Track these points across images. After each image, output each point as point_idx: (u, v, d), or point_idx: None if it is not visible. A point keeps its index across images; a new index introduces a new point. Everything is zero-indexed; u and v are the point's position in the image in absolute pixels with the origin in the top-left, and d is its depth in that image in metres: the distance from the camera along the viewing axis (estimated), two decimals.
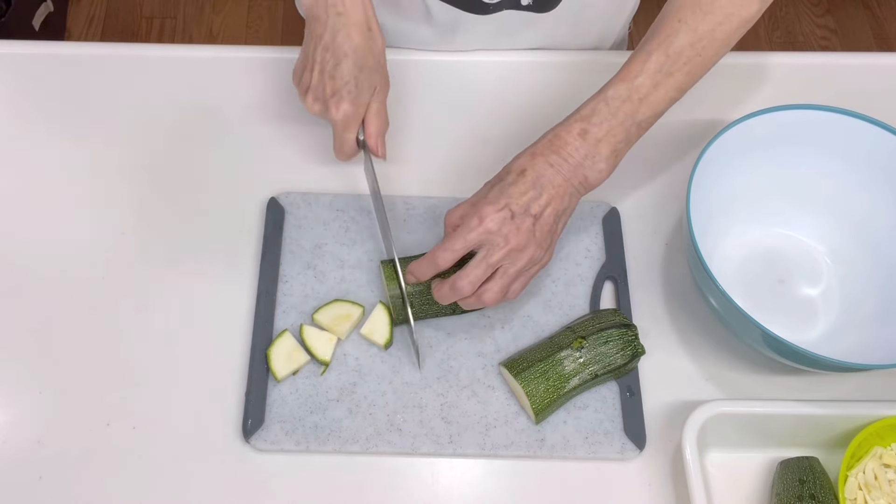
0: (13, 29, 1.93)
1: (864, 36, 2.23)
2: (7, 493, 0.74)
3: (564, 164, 0.73)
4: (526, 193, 0.72)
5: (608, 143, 0.73)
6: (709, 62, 0.75)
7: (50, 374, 0.79)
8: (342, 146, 0.81)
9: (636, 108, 0.73)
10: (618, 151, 0.74)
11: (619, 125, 0.73)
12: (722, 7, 0.73)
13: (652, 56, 0.73)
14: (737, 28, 0.74)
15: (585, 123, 0.73)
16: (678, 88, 0.74)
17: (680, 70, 0.73)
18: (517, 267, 0.72)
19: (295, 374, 0.78)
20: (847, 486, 0.71)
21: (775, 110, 0.81)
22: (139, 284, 0.83)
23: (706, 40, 0.73)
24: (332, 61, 0.76)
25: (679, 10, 0.74)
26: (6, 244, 0.86)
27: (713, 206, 0.81)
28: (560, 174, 0.73)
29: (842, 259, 0.86)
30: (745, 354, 0.82)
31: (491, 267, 0.72)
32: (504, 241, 0.71)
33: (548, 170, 0.72)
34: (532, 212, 0.72)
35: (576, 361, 0.75)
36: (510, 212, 0.71)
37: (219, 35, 2.16)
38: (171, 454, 0.76)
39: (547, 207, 0.72)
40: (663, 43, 0.73)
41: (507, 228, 0.71)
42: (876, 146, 0.81)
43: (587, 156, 0.73)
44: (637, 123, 0.74)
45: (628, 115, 0.73)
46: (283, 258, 0.84)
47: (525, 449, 0.76)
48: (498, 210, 0.71)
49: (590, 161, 0.73)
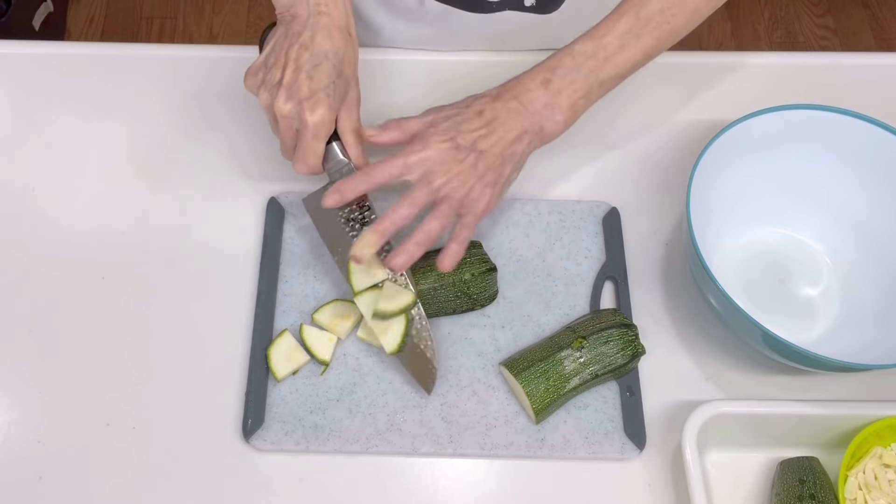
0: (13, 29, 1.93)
1: (864, 36, 2.23)
2: (7, 493, 0.74)
3: (523, 110, 0.73)
4: (476, 130, 0.72)
5: (568, 96, 0.74)
6: (676, 31, 0.76)
7: (50, 374, 0.79)
8: (307, 156, 0.74)
9: (600, 66, 0.74)
10: (576, 106, 0.75)
11: (582, 80, 0.74)
12: None
13: (622, 18, 0.75)
14: (707, 0, 0.77)
15: (549, 73, 0.74)
16: (644, 53, 0.75)
17: (648, 35, 0.75)
18: (456, 198, 0.72)
19: (295, 374, 0.78)
20: (847, 486, 0.71)
21: (775, 110, 0.81)
22: (139, 284, 0.83)
23: (676, 8, 0.75)
24: (310, 61, 0.72)
25: None
26: (6, 244, 0.86)
27: (713, 206, 0.81)
28: (517, 119, 0.73)
29: (842, 259, 0.86)
30: (745, 354, 0.82)
31: (433, 192, 0.72)
32: (443, 169, 0.71)
33: (505, 113, 0.73)
34: (478, 147, 0.72)
35: (576, 361, 0.75)
36: (455, 144, 0.72)
37: (219, 35, 2.16)
38: (171, 454, 0.76)
39: (495, 146, 0.73)
40: (635, 6, 0.75)
41: (449, 159, 0.71)
42: (876, 146, 0.81)
43: (546, 105, 0.74)
44: (599, 81, 0.75)
45: (592, 72, 0.74)
46: (283, 258, 0.84)
47: (525, 449, 0.76)
48: (443, 141, 0.72)
49: (548, 111, 0.74)
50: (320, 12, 0.73)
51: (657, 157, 0.92)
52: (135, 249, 0.85)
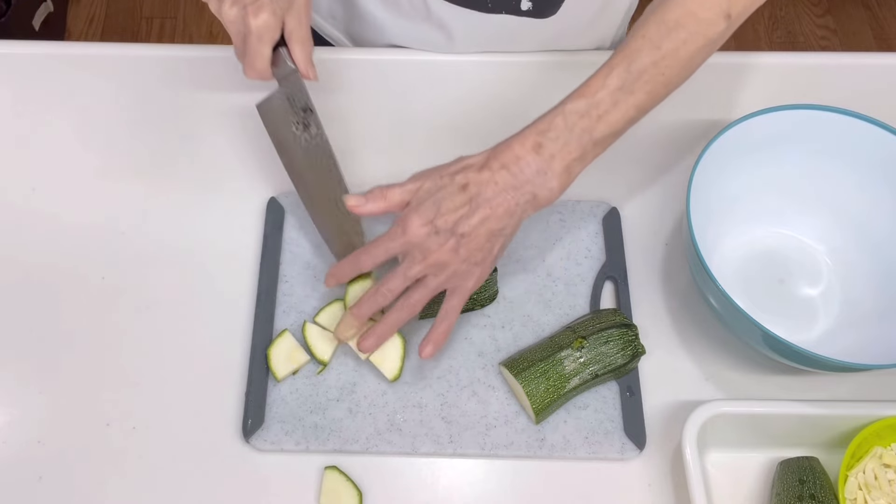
0: (13, 29, 1.93)
1: (864, 36, 2.23)
2: (7, 493, 0.74)
3: (513, 179, 0.69)
4: (458, 210, 0.68)
5: (562, 160, 0.69)
6: (670, 82, 0.71)
7: (50, 374, 0.79)
8: (254, 60, 0.74)
9: (594, 125, 0.69)
10: (571, 169, 0.70)
11: (576, 141, 0.69)
12: (687, 25, 0.70)
13: (614, 72, 0.69)
14: (702, 47, 0.70)
15: (540, 137, 0.69)
16: (638, 108, 0.70)
17: (641, 89, 0.69)
18: (439, 280, 0.70)
19: (295, 374, 0.78)
20: (847, 486, 0.71)
21: (775, 110, 0.81)
22: (139, 284, 0.84)
23: (669, 59, 0.70)
24: None
25: (644, 26, 0.71)
26: (6, 244, 0.86)
27: (713, 207, 0.81)
28: (505, 192, 0.69)
29: (841, 259, 0.86)
30: (745, 354, 0.82)
31: (409, 280, 0.70)
32: (422, 256, 0.69)
33: (491, 187, 0.68)
34: (459, 231, 0.68)
35: (576, 361, 0.75)
36: (435, 228, 0.68)
37: (219, 35, 2.16)
38: (171, 454, 0.76)
39: (480, 227, 0.68)
40: (626, 59, 0.70)
41: (429, 244, 0.68)
42: (876, 146, 0.81)
43: (539, 171, 0.69)
44: (594, 141, 0.69)
45: (585, 132, 0.69)
46: (283, 258, 0.84)
47: (525, 449, 0.76)
48: (423, 224, 0.68)
49: (541, 178, 0.69)
50: None
51: (657, 157, 0.92)
52: (135, 249, 0.85)
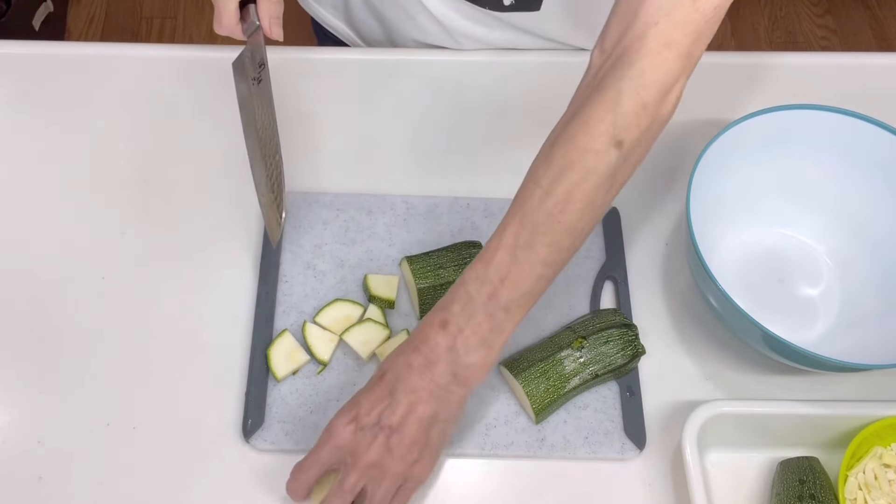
0: (13, 29, 1.93)
1: (864, 36, 2.23)
2: (7, 493, 0.74)
3: (426, 362, 0.64)
4: (379, 403, 0.64)
5: (474, 334, 0.64)
6: (573, 229, 0.64)
7: (50, 374, 0.79)
8: (220, 14, 0.73)
9: (496, 291, 0.63)
10: (490, 342, 0.64)
11: (482, 311, 0.64)
12: (575, 163, 0.62)
13: (508, 230, 0.64)
14: (597, 186, 0.63)
15: (445, 313, 0.65)
16: (543, 263, 0.64)
17: (540, 242, 0.63)
18: (383, 489, 0.64)
19: (295, 374, 0.78)
20: (847, 486, 0.71)
21: (775, 110, 0.81)
22: (139, 284, 0.83)
23: (562, 203, 0.63)
24: None
25: (536, 171, 0.65)
26: (6, 244, 0.86)
27: (713, 206, 0.81)
28: (421, 376, 0.64)
29: (842, 259, 0.86)
30: (745, 354, 0.82)
31: (348, 492, 0.64)
32: (353, 459, 0.64)
33: (407, 371, 0.64)
34: (386, 423, 0.64)
35: (576, 361, 0.75)
36: (358, 426, 0.64)
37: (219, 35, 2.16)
38: (171, 454, 0.76)
39: (408, 416, 0.64)
40: (519, 212, 0.64)
41: (357, 444, 0.64)
42: (876, 146, 0.81)
43: (449, 349, 0.64)
44: (503, 307, 0.64)
45: (489, 299, 0.63)
46: (283, 258, 0.84)
47: (525, 449, 0.76)
48: (347, 423, 0.64)
49: (453, 356, 0.64)
50: None
51: (657, 157, 0.92)
52: (135, 249, 0.85)
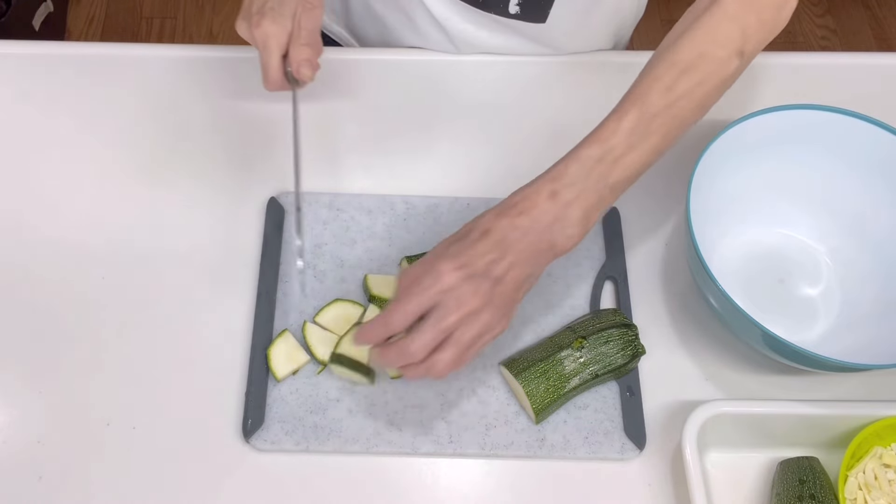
0: (13, 29, 1.93)
1: (864, 36, 2.23)
2: (7, 493, 0.74)
3: (532, 227, 0.66)
4: (487, 254, 0.66)
5: (579, 206, 0.67)
6: (686, 123, 0.70)
7: (50, 374, 0.79)
8: (265, 71, 0.75)
9: (609, 171, 0.67)
10: (589, 215, 0.68)
11: (592, 187, 0.67)
12: (700, 66, 0.68)
13: (627, 116, 0.68)
14: (716, 88, 0.69)
15: (556, 184, 0.67)
16: (654, 151, 0.69)
17: (656, 132, 0.68)
18: (471, 334, 0.65)
19: (295, 374, 0.78)
20: (847, 486, 0.71)
21: (775, 110, 0.81)
22: (139, 284, 0.83)
23: (684, 100, 0.68)
24: None
25: (656, 67, 0.69)
26: (6, 244, 0.86)
27: (713, 207, 0.81)
28: (526, 238, 0.66)
29: (841, 259, 0.86)
30: (745, 354, 0.82)
31: (443, 332, 0.65)
32: (457, 304, 0.64)
33: (513, 232, 0.66)
34: (493, 275, 0.65)
35: (576, 361, 0.75)
36: (469, 272, 0.65)
37: (219, 35, 2.16)
38: (171, 454, 0.76)
39: (510, 272, 0.66)
40: (639, 102, 0.68)
41: (464, 290, 0.64)
42: (876, 146, 0.81)
43: (556, 219, 0.67)
44: (610, 186, 0.68)
45: (601, 177, 0.67)
46: (283, 258, 0.84)
47: (525, 449, 0.76)
48: (456, 269, 0.65)
49: (559, 225, 0.67)
50: None
51: None
52: (135, 249, 0.85)
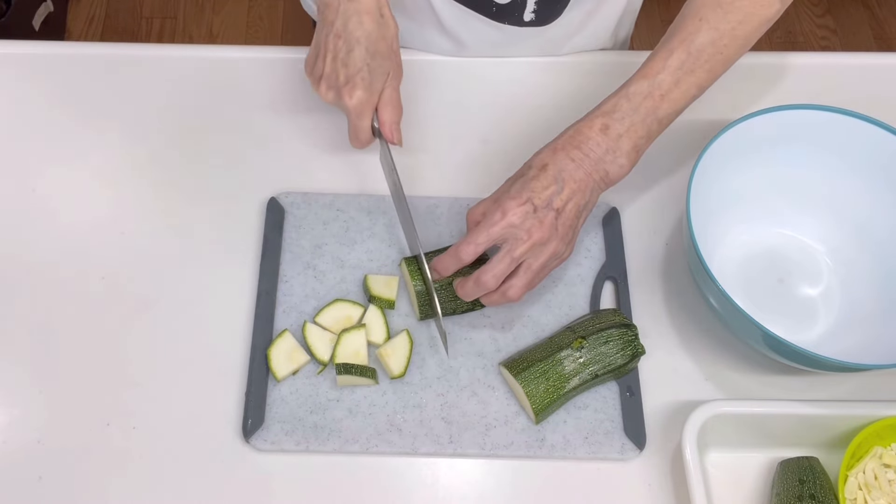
0: (13, 29, 1.93)
1: (864, 36, 2.23)
2: (7, 493, 0.74)
3: (586, 158, 0.73)
4: (548, 188, 0.72)
5: (629, 139, 0.74)
6: (729, 60, 0.76)
7: (50, 374, 0.79)
8: (357, 134, 0.80)
9: (657, 105, 0.74)
10: (639, 147, 0.75)
11: (641, 121, 0.74)
12: (743, 6, 0.74)
13: (674, 53, 0.74)
14: (757, 27, 0.76)
15: (607, 119, 0.74)
16: (699, 86, 0.75)
17: (701, 68, 0.74)
18: (540, 261, 0.73)
19: (295, 374, 0.78)
20: (847, 486, 0.71)
21: (775, 110, 0.81)
22: (139, 284, 0.83)
23: (727, 38, 0.75)
24: (344, 48, 0.75)
25: (700, 8, 0.75)
26: (6, 244, 0.86)
27: (713, 206, 0.81)
28: (581, 169, 0.73)
29: (842, 259, 0.86)
30: (745, 354, 0.82)
31: (515, 261, 0.72)
32: (527, 235, 0.71)
33: (569, 164, 0.73)
34: (555, 206, 0.72)
35: (576, 361, 0.75)
36: (532, 206, 0.71)
37: (219, 35, 2.16)
38: (171, 454, 0.76)
39: (569, 202, 0.73)
40: (685, 41, 0.74)
41: (530, 222, 0.71)
42: (876, 146, 0.81)
43: (608, 150, 0.74)
44: (658, 119, 0.75)
45: (650, 112, 0.74)
46: (283, 258, 0.84)
47: (525, 449, 0.76)
48: (521, 204, 0.72)
49: (611, 156, 0.74)
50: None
51: (657, 157, 0.92)
52: (135, 249, 0.85)
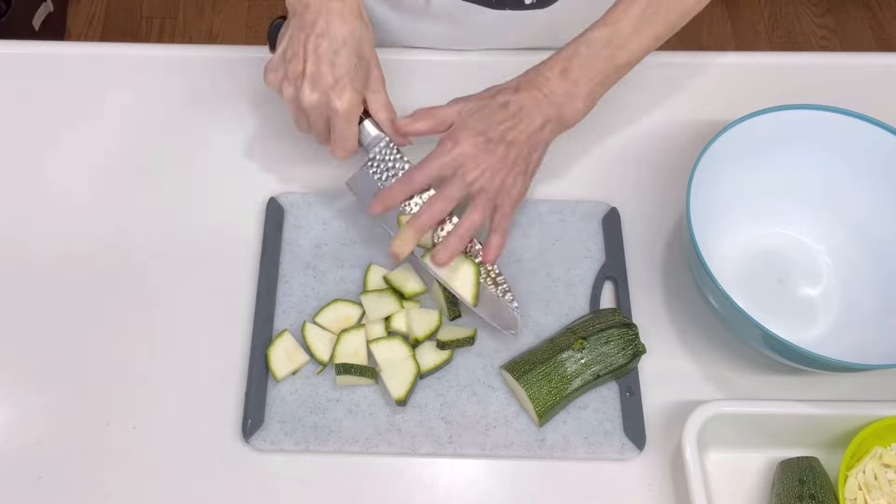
0: (13, 29, 1.93)
1: (864, 36, 2.23)
2: (7, 493, 0.74)
3: (545, 99, 0.76)
4: (504, 122, 0.75)
5: (586, 84, 0.76)
6: (689, 12, 0.78)
7: (50, 374, 0.79)
8: (344, 141, 0.77)
9: (615, 53, 0.76)
10: (594, 92, 0.77)
11: (599, 67, 0.76)
12: None
13: (635, 3, 0.76)
14: None
15: (566, 63, 0.76)
16: (657, 37, 0.77)
17: (660, 19, 0.77)
18: (489, 193, 0.74)
19: (294, 374, 0.78)
20: (847, 486, 0.71)
21: (775, 110, 0.81)
22: (139, 284, 0.83)
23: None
24: (330, 48, 0.73)
25: None
26: (6, 244, 0.86)
27: (713, 206, 0.81)
28: (539, 108, 0.76)
29: (842, 259, 0.86)
30: (745, 354, 0.82)
31: (467, 184, 0.74)
32: (475, 164, 0.74)
33: (529, 102, 0.75)
34: (507, 138, 0.75)
35: (577, 362, 0.75)
36: (486, 138, 0.74)
37: (219, 35, 2.16)
38: (171, 454, 0.76)
39: (521, 135, 0.75)
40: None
41: (481, 152, 0.74)
42: (876, 146, 0.81)
43: (566, 93, 0.76)
44: (616, 67, 0.77)
45: (608, 59, 0.76)
46: (282, 258, 0.84)
47: (525, 449, 0.76)
48: (474, 135, 0.74)
49: (568, 98, 0.76)
50: None
51: (657, 157, 0.92)
52: (135, 249, 0.85)
